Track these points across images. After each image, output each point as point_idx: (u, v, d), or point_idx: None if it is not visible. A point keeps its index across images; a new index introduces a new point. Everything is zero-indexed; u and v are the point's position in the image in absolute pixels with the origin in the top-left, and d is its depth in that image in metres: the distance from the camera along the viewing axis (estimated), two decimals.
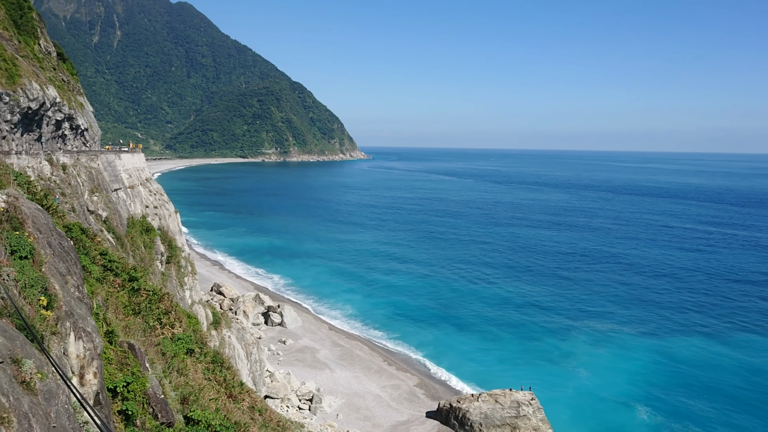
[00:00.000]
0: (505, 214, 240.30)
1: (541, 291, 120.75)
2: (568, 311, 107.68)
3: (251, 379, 60.34)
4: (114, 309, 24.87)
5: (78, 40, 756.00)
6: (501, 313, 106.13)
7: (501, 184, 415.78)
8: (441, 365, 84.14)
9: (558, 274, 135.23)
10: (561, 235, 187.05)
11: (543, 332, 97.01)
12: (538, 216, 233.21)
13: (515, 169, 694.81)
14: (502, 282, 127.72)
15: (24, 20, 75.62)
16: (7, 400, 11.23)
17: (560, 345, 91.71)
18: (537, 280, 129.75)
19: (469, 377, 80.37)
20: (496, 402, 62.52)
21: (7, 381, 11.71)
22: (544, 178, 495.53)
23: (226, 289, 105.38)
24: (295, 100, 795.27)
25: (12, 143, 55.99)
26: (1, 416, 10.86)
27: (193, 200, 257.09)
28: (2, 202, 18.68)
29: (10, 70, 55.52)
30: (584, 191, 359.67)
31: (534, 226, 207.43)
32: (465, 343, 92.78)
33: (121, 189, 67.40)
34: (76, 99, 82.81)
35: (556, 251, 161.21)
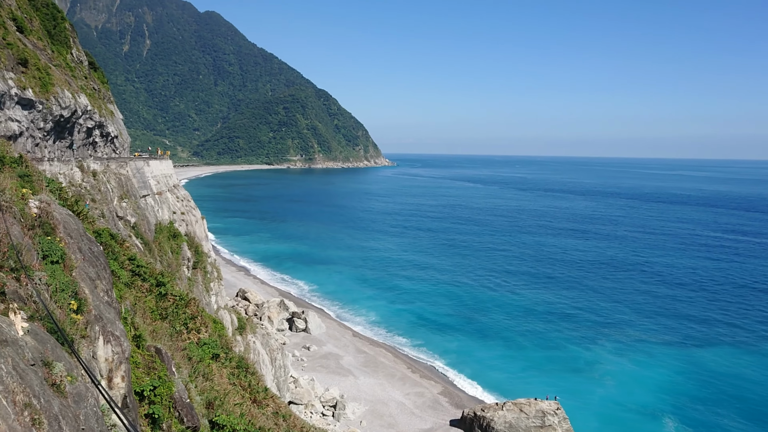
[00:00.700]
0: (530, 221, 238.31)
1: (565, 299, 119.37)
2: (594, 320, 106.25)
3: (275, 385, 60.61)
4: (142, 313, 25.22)
5: (109, 49, 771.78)
6: (525, 322, 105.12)
7: (525, 191, 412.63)
8: (465, 373, 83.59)
9: (583, 282, 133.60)
10: (586, 244, 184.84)
11: (568, 341, 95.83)
12: (563, 224, 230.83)
13: (540, 176, 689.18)
14: (526, 290, 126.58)
15: (57, 30, 77.42)
16: (38, 402, 11.45)
17: (586, 354, 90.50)
18: (561, 288, 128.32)
19: (493, 386, 79.70)
20: (521, 411, 61.87)
21: (39, 383, 11.94)
22: (569, 186, 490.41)
23: (251, 295, 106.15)
24: (320, 107, 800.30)
25: (45, 150, 57.24)
26: (32, 418, 11.08)
27: (219, 206, 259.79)
28: (35, 207, 19.11)
29: (43, 78, 56.84)
30: (610, 199, 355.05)
31: (559, 234, 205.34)
32: (489, 351, 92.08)
33: (149, 195, 68.42)
34: (106, 107, 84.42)
35: (581, 260, 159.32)
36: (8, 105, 50.57)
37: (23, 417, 10.89)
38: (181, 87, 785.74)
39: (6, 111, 50.31)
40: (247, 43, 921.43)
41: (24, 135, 53.47)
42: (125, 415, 7.38)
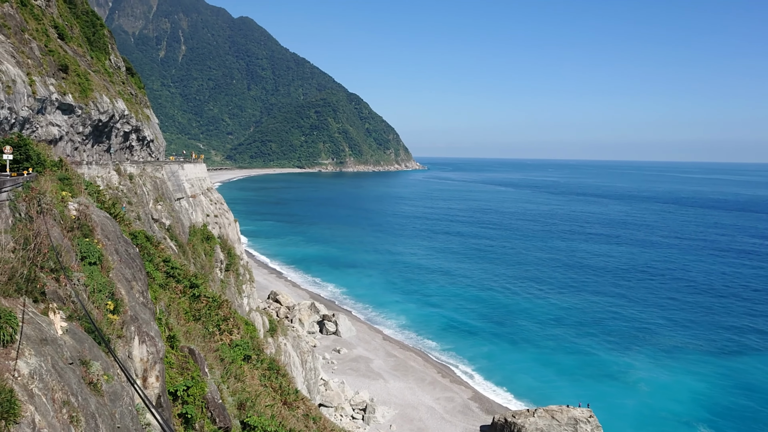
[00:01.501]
0: (562, 226, 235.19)
1: (598, 305, 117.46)
2: (627, 327, 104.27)
3: (306, 387, 60.95)
4: (176, 314, 25.63)
5: (145, 55, 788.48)
6: (556, 328, 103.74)
7: (558, 195, 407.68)
8: (495, 378, 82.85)
9: (616, 289, 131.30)
10: (620, 249, 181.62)
11: (600, 348, 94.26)
12: (596, 229, 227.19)
13: (573, 179, 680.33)
14: (557, 296, 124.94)
15: (96, 37, 79.31)
16: (76, 400, 11.71)
17: (619, 361, 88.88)
18: (594, 294, 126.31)
19: (524, 392, 78.82)
20: (552, 418, 61.04)
21: (76, 382, 12.22)
22: (603, 190, 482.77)
23: (283, 298, 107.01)
24: (351, 111, 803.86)
25: (83, 154, 58.63)
26: (70, 415, 11.34)
27: (251, 209, 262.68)
28: (74, 210, 19.60)
29: (83, 84, 58.24)
30: (645, 203, 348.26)
31: (591, 239, 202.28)
32: (520, 357, 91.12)
33: (183, 198, 69.53)
34: (143, 111, 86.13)
35: (614, 266, 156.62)
36: (49, 110, 51.98)
37: (62, 414, 11.16)
38: (215, 92, 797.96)
39: (47, 116, 51.72)
40: (279, 48, 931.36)
41: (64, 139, 54.89)
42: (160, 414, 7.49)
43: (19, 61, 47.99)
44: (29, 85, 47.59)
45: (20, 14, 53.82)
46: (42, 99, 49.68)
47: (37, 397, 10.67)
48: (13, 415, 9.65)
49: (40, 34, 56.32)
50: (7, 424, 9.48)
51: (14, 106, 44.67)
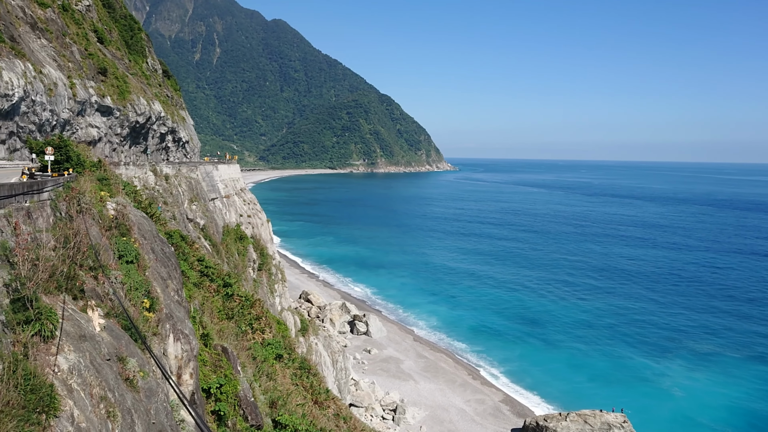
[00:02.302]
0: (595, 228, 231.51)
1: (633, 309, 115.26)
2: (663, 332, 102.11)
3: (336, 387, 61.22)
4: (209, 313, 26.01)
5: (181, 57, 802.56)
6: (590, 331, 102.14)
7: (591, 197, 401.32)
8: (526, 381, 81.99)
9: (652, 292, 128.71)
10: (655, 253, 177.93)
11: (635, 352, 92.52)
12: (631, 231, 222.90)
13: (607, 181, 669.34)
14: (591, 299, 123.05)
15: (134, 40, 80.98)
16: (113, 395, 11.98)
17: (654, 366, 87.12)
18: (629, 298, 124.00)
19: (556, 395, 77.81)
20: (585, 423, 60.14)
21: (113, 378, 12.49)
22: (638, 191, 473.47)
23: (314, 297, 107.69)
24: (383, 112, 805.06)
25: (121, 155, 59.92)
26: (107, 410, 11.60)
27: (283, 210, 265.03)
28: (112, 209, 20.05)
29: (121, 87, 59.53)
30: (682, 205, 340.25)
31: (626, 242, 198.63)
32: (552, 360, 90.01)
33: (217, 198, 70.51)
34: (178, 113, 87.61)
35: (650, 269, 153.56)
36: (89, 112, 53.25)
37: (99, 409, 11.42)
38: (249, 93, 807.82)
39: (87, 118, 52.99)
40: (312, 50, 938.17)
41: (102, 140, 56.19)
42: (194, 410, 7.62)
43: (61, 65, 49.27)
44: (70, 87, 48.82)
45: (62, 19, 55.25)
46: (82, 101, 50.93)
47: (76, 392, 10.94)
48: (53, 410, 9.91)
49: (81, 38, 57.74)
50: (48, 417, 9.74)
51: (56, 108, 45.89)
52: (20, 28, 45.07)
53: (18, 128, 41.67)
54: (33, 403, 9.49)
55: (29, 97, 41.62)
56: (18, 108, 40.86)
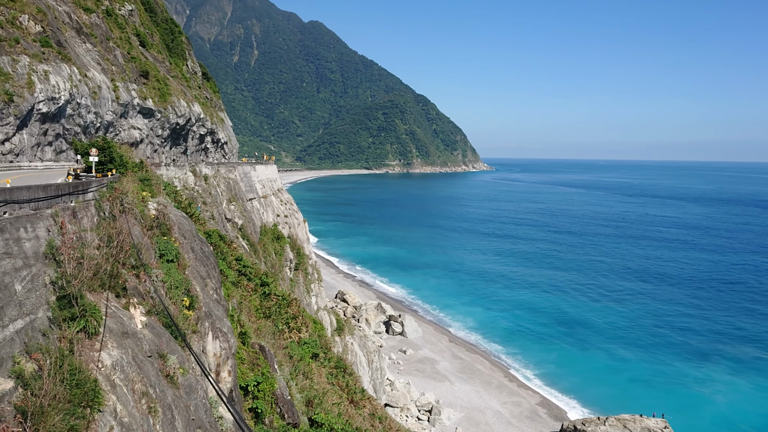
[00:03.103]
0: (636, 229, 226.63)
1: (674, 312, 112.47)
2: (706, 335, 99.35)
3: (372, 387, 61.34)
4: (247, 312, 26.34)
5: (220, 60, 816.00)
6: (629, 335, 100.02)
7: (631, 197, 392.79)
8: (564, 384, 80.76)
9: (694, 296, 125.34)
10: (698, 255, 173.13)
11: (677, 357, 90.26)
12: (672, 233, 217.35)
13: (647, 181, 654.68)
14: (630, 302, 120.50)
15: (175, 44, 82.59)
16: (154, 391, 12.23)
17: (697, 370, 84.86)
18: (670, 302, 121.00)
19: (594, 399, 76.45)
20: (624, 428, 58.95)
21: (155, 374, 12.76)
22: (680, 192, 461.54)
23: (350, 297, 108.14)
24: (418, 112, 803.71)
25: (162, 156, 61.18)
26: (149, 406, 11.86)
27: (320, 210, 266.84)
28: (153, 209, 20.49)
29: (162, 89, 60.77)
30: (726, 206, 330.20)
31: (667, 243, 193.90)
32: (591, 363, 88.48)
33: (255, 199, 71.37)
34: (217, 115, 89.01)
35: (692, 272, 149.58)
36: (131, 114, 54.53)
37: (141, 405, 11.68)
38: (286, 94, 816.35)
39: (129, 120, 54.27)
40: (348, 51, 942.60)
41: (144, 141, 57.48)
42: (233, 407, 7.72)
43: (104, 68, 50.56)
44: (113, 90, 50.07)
45: (106, 23, 56.69)
46: (125, 104, 52.20)
47: (119, 387, 11.21)
48: (98, 404, 10.17)
49: (124, 42, 59.17)
50: (92, 412, 10.01)
51: (100, 111, 47.12)
52: (66, 33, 46.41)
53: (64, 130, 42.93)
54: (78, 397, 9.76)
55: (75, 100, 42.82)
56: (64, 111, 42.10)
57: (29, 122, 38.27)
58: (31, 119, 38.37)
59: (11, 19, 39.38)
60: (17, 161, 36.73)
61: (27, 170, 34.13)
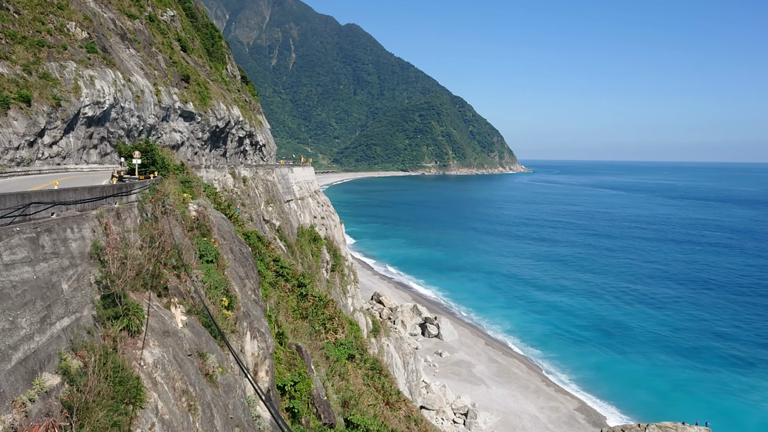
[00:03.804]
0: (679, 232, 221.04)
1: (719, 318, 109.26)
2: (753, 342, 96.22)
3: (407, 389, 61.26)
4: (284, 312, 26.60)
5: (259, 63, 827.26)
6: (672, 340, 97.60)
7: (675, 200, 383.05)
8: (603, 390, 79.25)
9: (740, 301, 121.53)
10: (744, 260, 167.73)
11: (722, 363, 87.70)
12: (719, 238, 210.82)
13: (691, 183, 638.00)
14: (673, 306, 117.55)
15: (215, 48, 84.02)
16: (194, 389, 12.45)
17: (741, 378, 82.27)
18: (714, 307, 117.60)
19: (635, 406, 74.80)
20: None
21: (194, 372, 12.99)
22: (725, 194, 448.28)
23: (386, 299, 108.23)
24: (455, 114, 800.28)
25: (202, 158, 62.29)
26: (188, 404, 12.07)
27: (356, 212, 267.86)
28: (194, 211, 20.87)
29: (202, 93, 61.88)
30: None
31: (713, 248, 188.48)
32: (631, 368, 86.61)
33: (292, 200, 72.07)
34: (256, 117, 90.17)
35: (738, 277, 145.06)
36: (172, 117, 55.68)
37: (181, 402, 11.90)
38: (323, 97, 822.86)
39: (171, 123, 55.42)
40: (385, 53, 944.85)
41: (185, 144, 58.63)
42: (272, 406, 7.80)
43: (147, 73, 51.76)
44: (155, 94, 51.21)
45: (149, 29, 58.04)
46: (166, 107, 53.34)
47: (160, 385, 11.44)
48: (140, 401, 10.41)
49: (166, 47, 60.48)
50: (134, 408, 10.24)
51: (143, 114, 48.26)
52: (111, 39, 47.67)
53: (108, 133, 44.09)
54: (121, 394, 10.01)
55: (119, 104, 43.94)
56: (108, 114, 43.24)
57: (75, 126, 39.44)
58: (78, 123, 39.53)
59: (59, 27, 40.66)
60: (64, 163, 37.87)
61: (73, 172, 35.18)
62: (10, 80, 33.48)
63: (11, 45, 35.52)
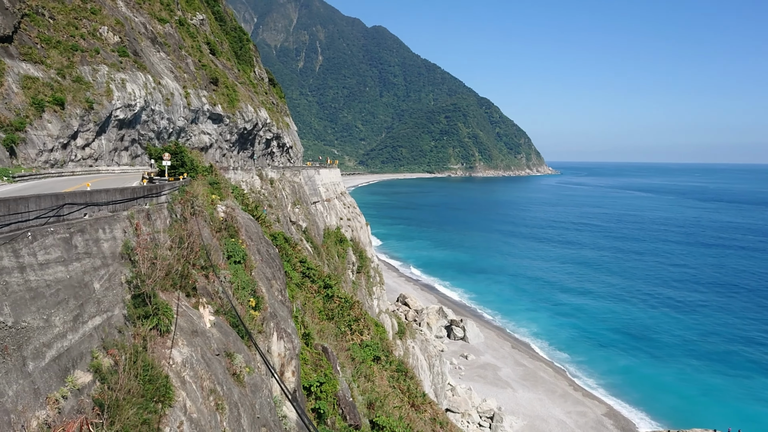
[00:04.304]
0: (711, 235, 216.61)
1: (750, 323, 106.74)
2: None
3: (433, 391, 61.06)
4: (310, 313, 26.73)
5: (286, 66, 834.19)
6: (703, 344, 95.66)
7: (706, 202, 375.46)
8: (631, 395, 78.00)
9: None
10: None
11: (753, 369, 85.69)
12: (752, 242, 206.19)
13: (723, 185, 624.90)
14: (704, 310, 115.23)
15: (243, 51, 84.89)
16: (221, 389, 12.58)
17: None
18: (747, 310, 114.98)
19: (664, 411, 73.46)
20: None
21: (222, 372, 13.12)
22: (760, 196, 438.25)
23: (411, 301, 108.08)
24: (481, 115, 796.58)
25: (230, 160, 62.97)
26: (216, 403, 12.20)
27: (382, 213, 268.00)
28: (222, 212, 21.11)
29: (231, 95, 62.56)
30: None
31: (745, 252, 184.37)
32: (660, 373, 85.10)
33: (319, 202, 72.43)
34: (283, 120, 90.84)
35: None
36: (201, 120, 56.39)
37: (209, 401, 12.04)
38: (349, 99, 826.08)
39: (200, 125, 56.14)
40: (411, 55, 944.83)
41: (213, 146, 59.33)
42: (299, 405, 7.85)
43: (177, 76, 52.51)
44: (185, 97, 51.94)
45: (179, 33, 58.87)
46: (195, 110, 54.05)
47: (188, 384, 11.58)
48: (169, 399, 10.55)
49: (195, 50, 61.30)
50: (163, 407, 10.39)
51: (172, 117, 48.97)
52: (142, 42, 48.49)
53: (139, 136, 44.83)
54: (150, 392, 10.16)
55: (149, 107, 44.66)
56: (139, 117, 43.97)
57: (107, 128, 40.18)
58: (109, 125, 40.27)
59: (92, 31, 41.47)
60: (96, 165, 38.60)
61: (105, 174, 35.86)
62: (45, 84, 34.28)
63: (46, 49, 36.37)
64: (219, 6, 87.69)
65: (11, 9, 34.37)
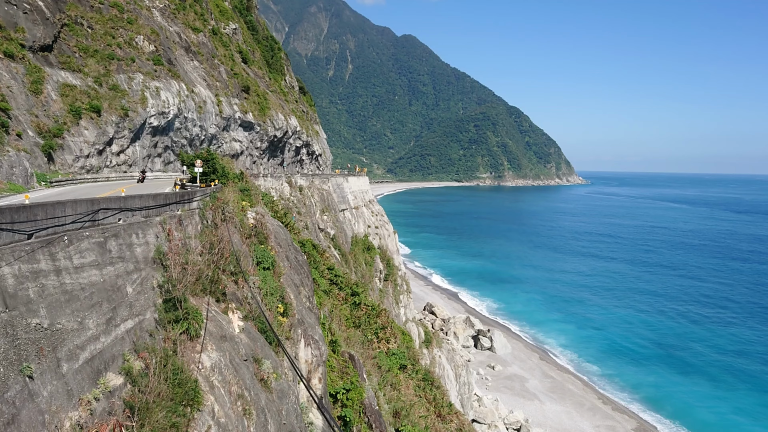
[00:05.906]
0: (745, 247, 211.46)
1: None
2: None
3: (459, 401, 60.57)
4: (338, 320, 26.79)
5: (316, 74, 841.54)
6: (738, 359, 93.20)
7: (741, 214, 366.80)
8: (663, 410, 76.31)
9: None
10: None
11: None
12: None
13: (760, 196, 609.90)
14: (739, 324, 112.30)
15: (274, 60, 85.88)
16: (249, 394, 12.67)
17: None
18: None
19: (697, 427, 71.69)
20: None
21: (250, 377, 13.21)
22: None
23: (438, 310, 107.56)
24: (511, 124, 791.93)
25: (260, 167, 63.61)
26: (243, 408, 12.28)
27: (410, 221, 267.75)
28: (252, 218, 21.33)
29: (261, 103, 63.30)
30: None
31: None
32: (692, 388, 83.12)
33: (347, 209, 72.69)
34: (312, 127, 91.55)
35: None
36: (233, 127, 57.16)
37: (236, 406, 12.12)
38: (379, 107, 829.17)
39: (231, 132, 56.90)
40: (440, 64, 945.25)
41: (244, 153, 60.04)
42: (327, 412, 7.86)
43: (209, 84, 53.36)
44: (217, 105, 52.72)
45: (212, 42, 59.86)
46: (227, 117, 54.82)
47: (217, 388, 11.69)
48: (197, 403, 10.66)
49: (227, 59, 62.23)
50: (192, 411, 10.50)
51: (204, 124, 49.74)
52: (176, 51, 49.42)
53: (172, 142, 45.61)
54: (180, 396, 10.28)
55: (182, 114, 45.43)
56: (172, 124, 44.76)
57: (141, 135, 40.98)
58: (143, 132, 41.08)
59: (128, 40, 42.42)
60: (130, 171, 39.36)
61: None
62: (83, 92, 35.14)
63: (84, 58, 37.31)
64: (251, 15, 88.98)
65: (51, 19, 35.37)
